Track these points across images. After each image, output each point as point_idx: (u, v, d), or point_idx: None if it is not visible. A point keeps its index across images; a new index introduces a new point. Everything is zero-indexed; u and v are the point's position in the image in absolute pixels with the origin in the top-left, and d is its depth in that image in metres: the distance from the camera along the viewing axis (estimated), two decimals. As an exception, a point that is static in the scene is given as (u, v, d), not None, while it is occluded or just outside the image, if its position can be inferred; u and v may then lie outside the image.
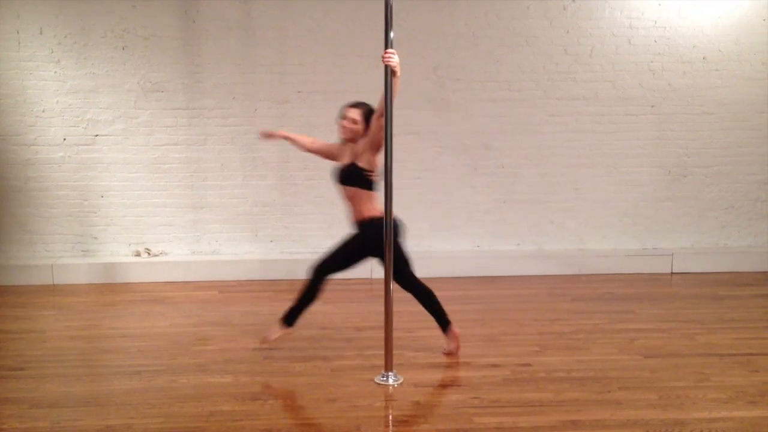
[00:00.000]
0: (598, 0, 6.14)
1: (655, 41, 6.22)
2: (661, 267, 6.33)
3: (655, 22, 6.19)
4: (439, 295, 4.09)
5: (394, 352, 3.80)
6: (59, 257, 6.07)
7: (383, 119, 3.61)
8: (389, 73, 3.57)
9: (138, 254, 6.14)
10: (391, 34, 3.58)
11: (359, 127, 3.90)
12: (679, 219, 6.50)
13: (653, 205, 6.46)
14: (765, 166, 6.45)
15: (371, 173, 3.87)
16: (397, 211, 3.78)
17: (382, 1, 3.63)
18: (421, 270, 6.13)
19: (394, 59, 3.54)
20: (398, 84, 3.63)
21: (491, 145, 6.24)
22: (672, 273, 6.32)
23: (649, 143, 6.36)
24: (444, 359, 4.07)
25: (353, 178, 3.90)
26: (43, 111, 5.91)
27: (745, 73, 6.29)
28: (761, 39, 6.24)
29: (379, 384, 3.70)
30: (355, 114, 3.92)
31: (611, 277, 6.15)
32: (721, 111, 6.35)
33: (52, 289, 5.75)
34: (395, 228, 3.78)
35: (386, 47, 3.57)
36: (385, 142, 3.65)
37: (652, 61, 6.25)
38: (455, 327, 4.10)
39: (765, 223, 6.56)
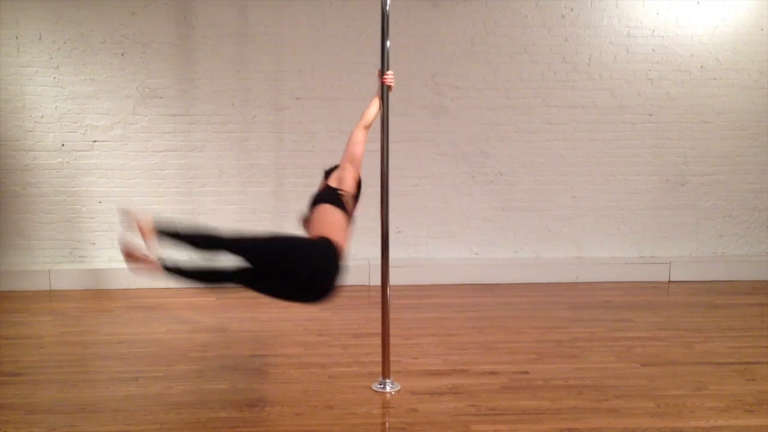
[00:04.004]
0: (596, 9, 6.16)
1: (653, 50, 6.23)
2: (659, 275, 6.33)
3: (653, 31, 6.21)
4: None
5: (392, 359, 3.80)
6: (57, 263, 6.06)
7: (366, 131, 3.61)
8: (386, 90, 3.61)
9: (135, 260, 6.12)
10: (388, 43, 3.60)
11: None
12: (676, 227, 6.50)
13: (651, 213, 6.47)
14: (763, 175, 6.46)
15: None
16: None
17: (379, 7, 3.64)
18: (419, 277, 6.13)
19: (392, 79, 3.60)
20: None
21: (489, 153, 6.25)
22: (670, 281, 6.32)
23: (646, 152, 6.37)
24: (442, 367, 4.07)
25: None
26: (42, 116, 5.91)
27: (742, 82, 6.31)
28: (759, 48, 6.26)
29: (376, 391, 3.70)
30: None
31: (609, 285, 6.15)
32: (718, 120, 6.36)
33: (49, 295, 5.74)
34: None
35: (383, 57, 3.60)
36: (382, 150, 3.67)
37: (650, 70, 6.26)
38: None
39: (762, 232, 6.56)
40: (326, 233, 3.12)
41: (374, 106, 3.64)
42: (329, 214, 3.29)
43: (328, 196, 3.41)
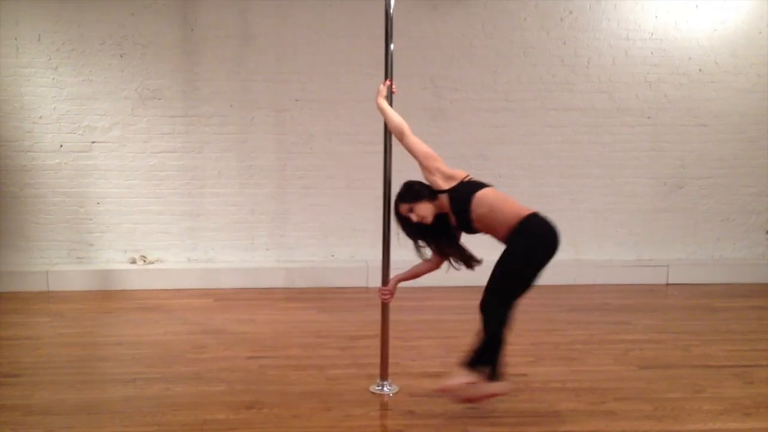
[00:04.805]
0: (595, 12, 6.17)
1: (652, 53, 6.24)
2: (657, 278, 6.34)
3: (652, 34, 6.22)
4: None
5: (390, 361, 3.80)
6: (55, 264, 6.05)
7: (401, 141, 3.59)
8: (391, 95, 3.62)
9: (134, 261, 6.12)
10: (392, 46, 3.61)
11: (423, 212, 3.40)
12: (674, 230, 6.51)
13: (649, 216, 6.48)
14: (760, 178, 6.47)
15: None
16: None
17: (380, 10, 3.65)
18: (417, 280, 6.07)
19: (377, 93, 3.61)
20: (389, 124, 3.61)
21: (488, 155, 6.25)
22: (667, 284, 6.32)
23: (645, 154, 6.38)
24: (440, 369, 4.06)
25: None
26: (41, 117, 5.91)
27: (741, 86, 6.32)
28: (757, 51, 6.27)
29: (374, 393, 3.70)
30: (408, 209, 3.43)
31: (607, 288, 6.16)
32: (716, 123, 6.37)
33: (48, 296, 5.73)
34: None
35: (386, 60, 3.60)
36: (385, 153, 3.69)
37: (648, 73, 6.27)
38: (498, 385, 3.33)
39: (760, 235, 6.58)
40: (509, 216, 3.32)
41: (392, 110, 3.60)
42: (488, 196, 3.37)
43: (467, 188, 3.41)
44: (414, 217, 3.39)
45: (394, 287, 3.69)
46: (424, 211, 3.39)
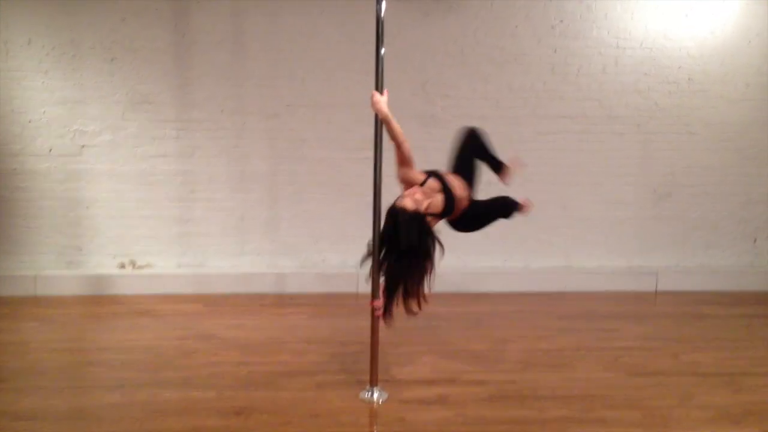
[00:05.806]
0: (585, 20, 6.21)
1: (642, 62, 6.28)
2: (646, 285, 6.36)
3: (642, 43, 6.26)
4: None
5: (380, 367, 3.80)
6: (43, 268, 6.01)
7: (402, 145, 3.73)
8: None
9: (123, 266, 6.09)
10: (382, 52, 3.61)
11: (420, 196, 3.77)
12: (664, 238, 6.54)
13: (639, 223, 6.51)
14: (749, 186, 6.52)
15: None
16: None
17: (372, 16, 3.66)
18: (407, 285, 6.06)
19: (377, 102, 3.61)
20: (395, 131, 3.68)
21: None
22: (657, 291, 6.35)
23: (634, 162, 6.42)
24: (430, 376, 4.07)
25: None
26: (30, 121, 5.88)
27: (729, 95, 6.37)
28: (746, 61, 6.32)
29: (363, 400, 3.69)
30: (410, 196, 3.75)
31: (597, 295, 6.17)
32: (706, 131, 6.41)
33: (35, 301, 5.70)
34: None
35: (377, 65, 3.62)
36: (375, 159, 3.70)
37: (638, 81, 6.31)
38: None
39: (748, 243, 6.62)
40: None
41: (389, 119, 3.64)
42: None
43: (432, 171, 4.01)
44: (423, 205, 3.67)
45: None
46: (420, 195, 3.71)
